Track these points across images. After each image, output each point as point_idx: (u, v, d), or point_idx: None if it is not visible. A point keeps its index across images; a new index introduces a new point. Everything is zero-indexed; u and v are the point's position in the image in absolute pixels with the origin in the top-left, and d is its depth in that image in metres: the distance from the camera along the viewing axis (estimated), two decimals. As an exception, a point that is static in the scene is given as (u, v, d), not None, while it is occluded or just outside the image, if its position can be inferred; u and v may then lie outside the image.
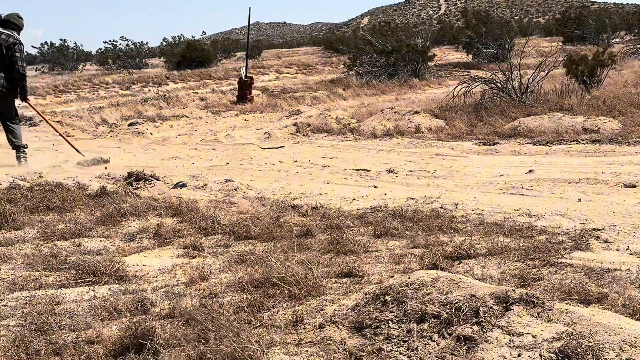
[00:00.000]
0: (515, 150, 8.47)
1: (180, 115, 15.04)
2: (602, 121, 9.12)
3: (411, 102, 14.72)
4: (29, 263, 4.10)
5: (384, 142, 9.94)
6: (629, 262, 3.59)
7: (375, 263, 3.86)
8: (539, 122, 9.49)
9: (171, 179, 6.86)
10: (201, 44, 34.75)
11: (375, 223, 4.68)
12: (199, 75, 26.34)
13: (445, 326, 2.58)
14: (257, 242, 4.46)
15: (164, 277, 3.84)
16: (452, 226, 4.57)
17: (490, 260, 3.74)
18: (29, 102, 8.71)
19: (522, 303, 2.61)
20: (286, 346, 2.72)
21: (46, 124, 14.14)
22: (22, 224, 5.03)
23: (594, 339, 2.35)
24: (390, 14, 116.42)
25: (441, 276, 2.93)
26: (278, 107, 15.87)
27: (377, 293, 2.93)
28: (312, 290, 3.32)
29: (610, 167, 6.70)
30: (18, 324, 3.14)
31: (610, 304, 2.94)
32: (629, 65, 18.08)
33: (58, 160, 9.04)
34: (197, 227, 4.83)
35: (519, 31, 34.28)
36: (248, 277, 3.56)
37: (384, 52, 20.92)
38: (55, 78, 28.98)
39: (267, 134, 11.49)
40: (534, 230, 4.33)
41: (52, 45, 36.53)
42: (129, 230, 4.91)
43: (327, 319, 2.89)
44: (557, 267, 3.54)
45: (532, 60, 15.85)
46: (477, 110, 11.12)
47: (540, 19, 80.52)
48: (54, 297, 3.48)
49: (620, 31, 33.10)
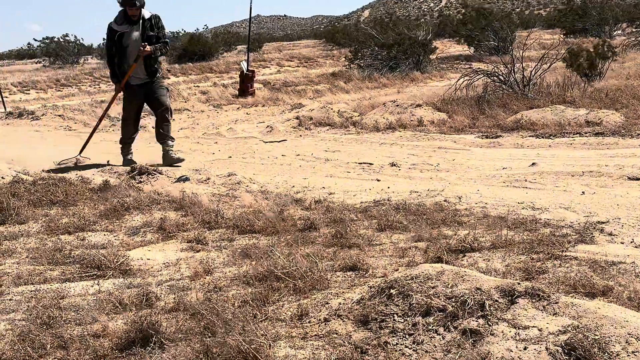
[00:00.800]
0: (518, 143, 8.46)
1: (182, 109, 15.02)
2: (604, 114, 9.10)
3: (413, 95, 14.69)
4: (34, 257, 4.11)
5: (386, 136, 9.92)
6: (633, 255, 3.58)
7: (380, 256, 3.86)
8: (541, 115, 9.47)
9: (174, 173, 6.86)
10: (203, 37, 34.70)
11: (379, 216, 4.67)
12: (200, 68, 26.34)
13: (450, 319, 2.58)
14: (261, 235, 4.46)
15: (169, 271, 3.84)
16: (455, 219, 4.57)
17: (494, 253, 3.74)
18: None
19: (528, 296, 2.61)
20: (292, 340, 2.73)
21: (48, 118, 14.17)
22: (26, 218, 5.04)
23: (600, 332, 2.35)
24: (391, 7, 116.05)
25: (446, 269, 2.93)
26: (280, 100, 15.85)
27: (382, 286, 2.93)
28: (317, 283, 3.32)
29: (613, 160, 6.69)
30: (23, 318, 3.15)
31: (616, 297, 2.94)
32: (631, 58, 18.02)
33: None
34: (201, 221, 4.83)
35: (521, 24, 34.19)
36: (252, 271, 3.56)
37: (386, 45, 20.87)
38: (57, 72, 28.96)
39: (269, 128, 11.47)
40: (538, 224, 4.33)
41: (52, 40, 36.51)
42: (132, 224, 4.92)
43: (332, 313, 2.90)
44: (562, 260, 3.53)
45: (534, 53, 15.82)
46: (479, 103, 11.09)
47: (542, 12, 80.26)
48: (59, 291, 3.49)
49: (622, 23, 32.99)
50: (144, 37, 7.48)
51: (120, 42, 7.50)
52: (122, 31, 7.47)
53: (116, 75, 7.74)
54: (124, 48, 7.52)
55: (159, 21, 7.65)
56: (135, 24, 7.47)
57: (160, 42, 7.63)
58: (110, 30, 7.51)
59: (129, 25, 7.46)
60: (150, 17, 7.54)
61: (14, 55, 54.41)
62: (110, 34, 7.54)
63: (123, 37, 7.48)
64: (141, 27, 7.49)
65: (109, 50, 7.70)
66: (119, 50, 7.54)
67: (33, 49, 38.34)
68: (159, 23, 7.63)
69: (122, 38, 7.48)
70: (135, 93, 7.77)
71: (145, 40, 7.48)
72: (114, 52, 7.60)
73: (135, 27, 7.48)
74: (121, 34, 7.47)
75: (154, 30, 7.57)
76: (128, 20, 7.45)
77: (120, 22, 7.48)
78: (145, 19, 7.50)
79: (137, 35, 7.50)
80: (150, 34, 7.52)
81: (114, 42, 7.53)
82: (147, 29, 7.51)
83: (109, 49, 7.72)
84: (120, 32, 7.47)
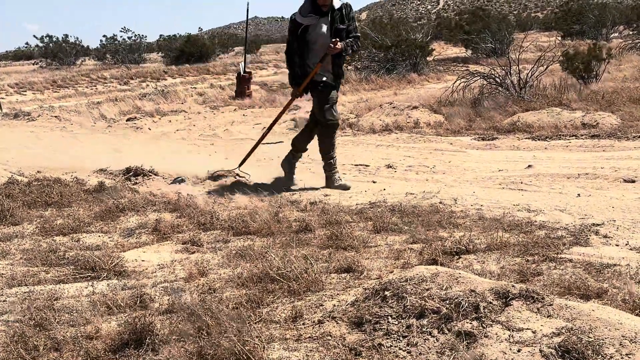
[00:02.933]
0: (514, 145, 8.46)
1: (178, 111, 15.01)
2: (601, 116, 9.11)
3: (410, 97, 14.69)
4: (28, 258, 4.09)
5: (382, 137, 9.92)
6: (628, 257, 3.59)
7: (375, 258, 3.85)
8: (537, 117, 9.48)
9: (170, 174, 6.85)
10: (200, 39, 34.73)
11: (375, 218, 4.67)
12: (197, 70, 26.34)
13: (445, 321, 2.57)
14: (256, 237, 4.46)
15: (163, 273, 3.83)
16: (451, 221, 4.57)
17: (489, 255, 3.74)
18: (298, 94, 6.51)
19: (522, 298, 2.61)
20: (286, 341, 2.72)
21: (44, 119, 14.13)
22: (21, 219, 5.03)
23: (594, 334, 2.35)
24: (389, 9, 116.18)
25: (441, 271, 2.92)
26: (276, 102, 15.84)
27: (377, 288, 2.92)
28: (312, 285, 3.31)
29: (609, 162, 6.70)
30: (17, 319, 3.13)
31: (610, 299, 2.94)
32: (628, 60, 18.06)
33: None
34: (196, 223, 4.82)
35: (518, 26, 34.26)
36: (247, 273, 3.56)
37: (383, 46, 20.88)
38: (54, 73, 28.93)
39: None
40: (534, 226, 4.33)
41: (50, 39, 36.48)
42: (127, 225, 4.91)
43: (326, 315, 2.89)
44: (557, 263, 3.53)
45: (530, 55, 15.84)
46: (475, 105, 11.10)
47: (539, 14, 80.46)
48: (53, 293, 3.48)
49: (619, 26, 33.08)
50: (332, 31, 6.19)
51: (304, 37, 6.22)
52: (307, 24, 6.20)
53: (296, 77, 6.40)
54: (307, 44, 6.25)
55: (351, 11, 6.34)
56: (324, 15, 6.17)
57: (350, 37, 6.27)
58: (293, 23, 6.27)
59: (316, 16, 6.17)
60: (340, 6, 6.25)
61: (10, 56, 54.34)
62: (293, 27, 6.28)
63: (307, 31, 6.21)
64: (330, 19, 6.19)
65: (290, 47, 6.37)
66: (300, 46, 6.27)
67: (30, 50, 38.30)
68: (350, 14, 6.32)
69: (306, 32, 6.21)
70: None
71: (334, 35, 6.18)
72: (295, 49, 6.31)
73: (323, 19, 6.19)
74: (305, 27, 6.19)
75: (344, 23, 6.24)
76: (315, 11, 6.16)
77: (305, 12, 6.19)
78: (335, 9, 6.19)
79: (325, 28, 6.21)
80: (339, 27, 6.20)
81: (296, 37, 6.26)
82: (337, 21, 6.20)
83: (290, 46, 6.38)
84: (305, 25, 6.19)
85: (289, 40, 6.39)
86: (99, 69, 29.57)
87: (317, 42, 6.20)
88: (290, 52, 6.36)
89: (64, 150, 9.29)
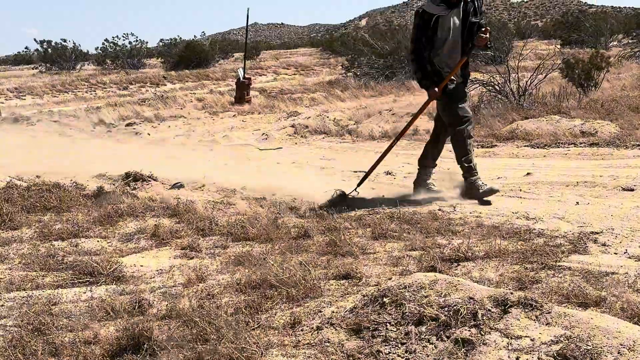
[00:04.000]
0: (513, 153, 8.47)
1: (178, 116, 15.03)
2: (600, 124, 9.13)
3: (409, 104, 14.70)
4: (26, 263, 4.09)
5: (382, 144, 9.91)
6: (627, 265, 3.59)
7: (373, 265, 3.85)
8: (536, 125, 9.50)
9: (169, 180, 6.85)
10: (200, 44, 34.76)
11: (373, 225, 4.67)
12: (197, 75, 26.36)
13: (443, 329, 2.57)
14: (255, 243, 4.45)
15: (162, 278, 3.83)
16: (450, 228, 4.57)
17: (488, 263, 3.74)
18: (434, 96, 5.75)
19: (521, 306, 2.61)
20: (284, 348, 2.72)
21: (43, 124, 14.13)
22: (20, 223, 5.02)
23: (592, 342, 2.35)
24: (388, 16, 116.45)
25: (439, 278, 2.92)
26: (276, 108, 15.86)
27: (375, 295, 2.92)
28: (310, 292, 3.31)
29: (608, 171, 6.70)
30: (15, 324, 3.13)
31: (609, 307, 2.94)
32: (627, 69, 18.11)
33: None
34: (195, 228, 4.82)
35: (517, 34, 34.33)
36: (246, 279, 3.56)
37: (383, 53, 20.92)
38: (53, 78, 28.93)
39: (264, 135, 11.48)
40: (532, 233, 4.33)
41: (50, 43, 36.51)
42: (126, 230, 4.90)
43: (324, 321, 2.89)
44: (555, 270, 3.53)
45: (530, 63, 15.86)
46: (474, 112, 11.10)
47: (538, 22, 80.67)
48: (51, 298, 3.48)
49: (618, 34, 33.19)
50: (465, 25, 5.63)
51: (434, 31, 5.60)
52: (439, 14, 5.58)
53: (429, 77, 5.70)
54: (437, 38, 5.63)
55: (482, 3, 5.83)
56: (455, 6, 5.58)
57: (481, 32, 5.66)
58: (423, 15, 5.62)
59: (448, 8, 5.59)
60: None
61: (10, 61, 54.34)
62: (421, 20, 5.63)
63: (438, 24, 5.60)
64: (462, 11, 5.61)
65: (419, 43, 5.67)
66: (429, 41, 5.63)
67: (30, 55, 38.32)
68: (482, 6, 5.81)
69: (437, 25, 5.60)
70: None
71: (466, 29, 5.63)
72: (424, 45, 5.64)
73: (454, 10, 5.60)
74: (437, 18, 5.58)
75: (477, 16, 5.69)
76: (447, 2, 5.57)
77: (436, 2, 5.60)
78: (468, 1, 5.63)
79: (458, 22, 5.63)
80: (472, 21, 5.63)
81: (424, 32, 5.61)
82: (470, 14, 5.63)
83: (417, 42, 5.67)
84: (437, 16, 5.58)
85: (416, 36, 5.68)
86: (98, 74, 29.59)
87: (449, 35, 5.61)
88: (419, 48, 5.66)
89: (63, 155, 9.29)
